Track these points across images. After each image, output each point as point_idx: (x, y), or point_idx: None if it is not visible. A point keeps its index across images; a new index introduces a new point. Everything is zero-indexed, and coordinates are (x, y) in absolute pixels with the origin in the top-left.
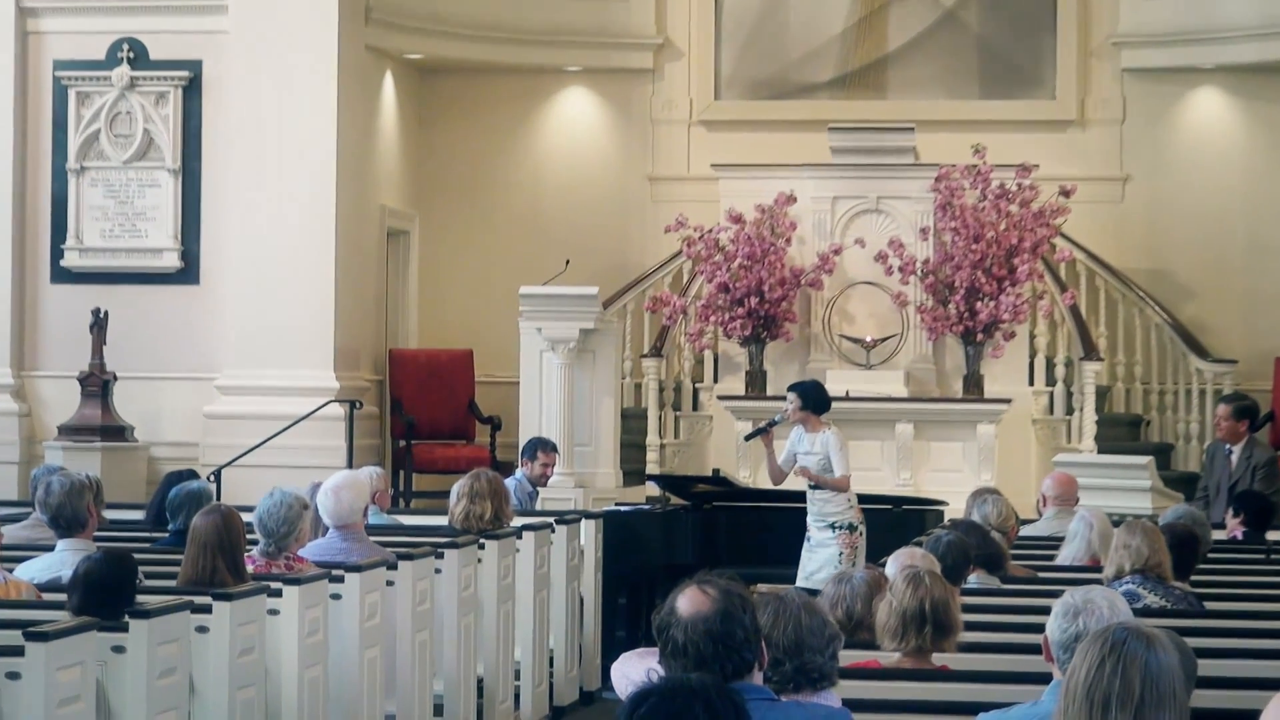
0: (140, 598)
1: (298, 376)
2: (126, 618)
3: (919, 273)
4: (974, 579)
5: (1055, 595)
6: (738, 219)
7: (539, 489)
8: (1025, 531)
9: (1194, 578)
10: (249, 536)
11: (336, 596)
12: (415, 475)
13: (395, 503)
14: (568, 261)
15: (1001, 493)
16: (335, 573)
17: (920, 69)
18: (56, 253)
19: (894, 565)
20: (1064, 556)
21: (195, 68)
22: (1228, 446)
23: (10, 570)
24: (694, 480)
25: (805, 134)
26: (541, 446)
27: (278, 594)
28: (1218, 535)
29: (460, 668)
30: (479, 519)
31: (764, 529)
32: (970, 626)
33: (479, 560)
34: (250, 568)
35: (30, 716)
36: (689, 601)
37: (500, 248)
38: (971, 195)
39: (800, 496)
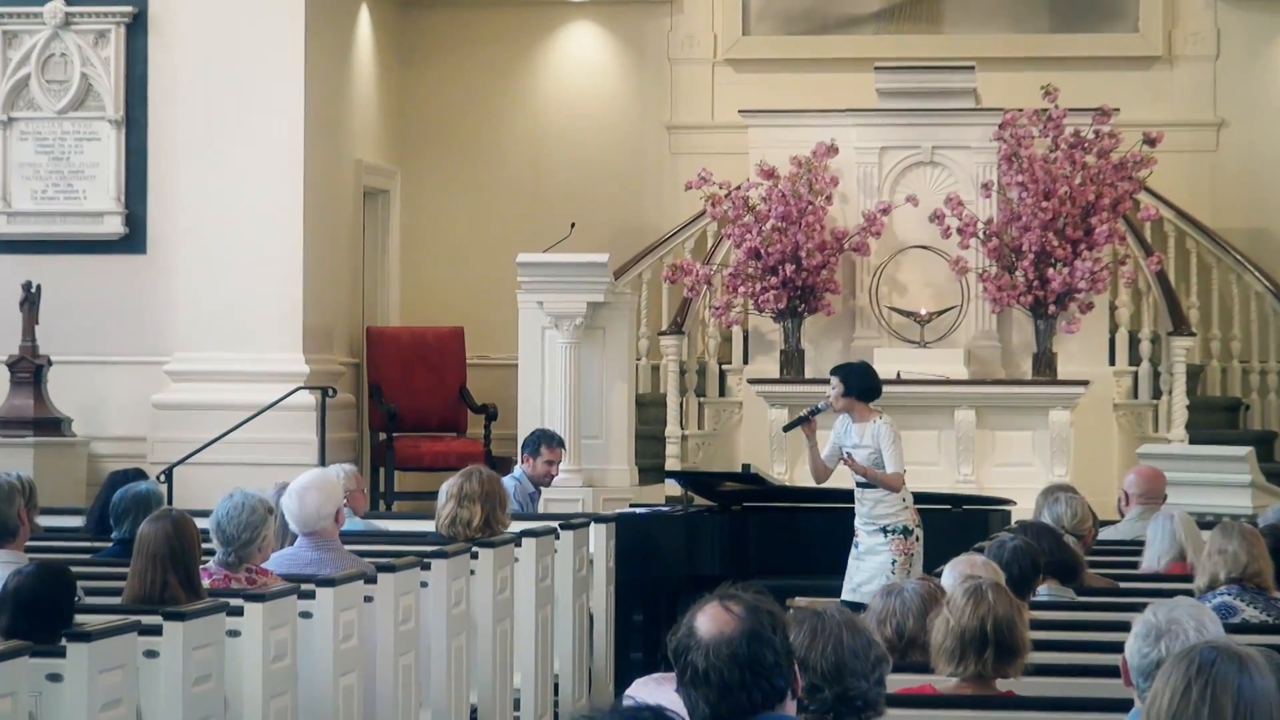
0: (79, 617)
1: (261, 360)
2: (63, 641)
3: (981, 235)
4: (1045, 591)
5: (1138, 609)
6: (770, 174)
7: (541, 489)
8: (1104, 535)
9: None
10: (205, 546)
11: (307, 615)
12: (398, 473)
13: (374, 505)
14: (573, 224)
15: (1077, 490)
16: (305, 587)
17: None
18: None
19: (952, 575)
20: (1145, 564)
21: (140, 3)
22: None
23: None
24: (721, 478)
25: (848, 74)
26: (546, 440)
27: (239, 612)
28: None
29: (450, 696)
30: (466, 525)
31: (803, 534)
32: (1040, 646)
33: (471, 572)
34: (206, 582)
35: None
36: (710, 620)
37: (495, 209)
38: (1041, 144)
39: (845, 496)
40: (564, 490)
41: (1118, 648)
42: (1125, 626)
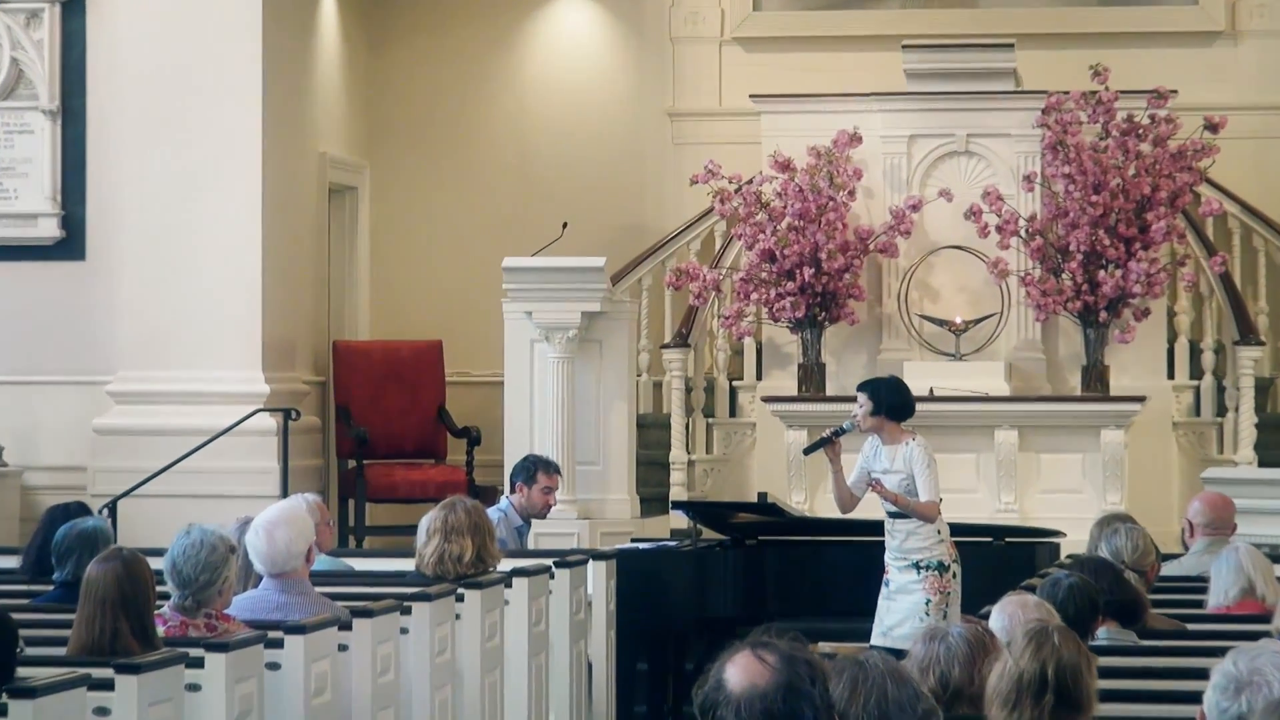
0: (21, 670)
1: (215, 379)
2: (4, 697)
3: (1023, 233)
4: (1104, 634)
5: (1210, 653)
6: (785, 166)
7: (530, 523)
8: (1167, 570)
9: None
10: (159, 589)
11: (274, 666)
12: (369, 505)
13: (343, 540)
14: (565, 224)
15: (1136, 520)
16: (272, 635)
17: None
18: None
19: (1001, 618)
20: (1211, 602)
21: None
22: None
23: None
24: (733, 508)
25: (872, 54)
26: (543, 466)
27: (199, 663)
28: None
29: None
30: (456, 561)
31: (826, 571)
32: (1101, 696)
33: (457, 616)
34: (161, 629)
35: None
36: (742, 671)
37: (477, 207)
38: (1090, 131)
39: (874, 528)
40: (557, 523)
41: (1188, 698)
42: (1195, 673)
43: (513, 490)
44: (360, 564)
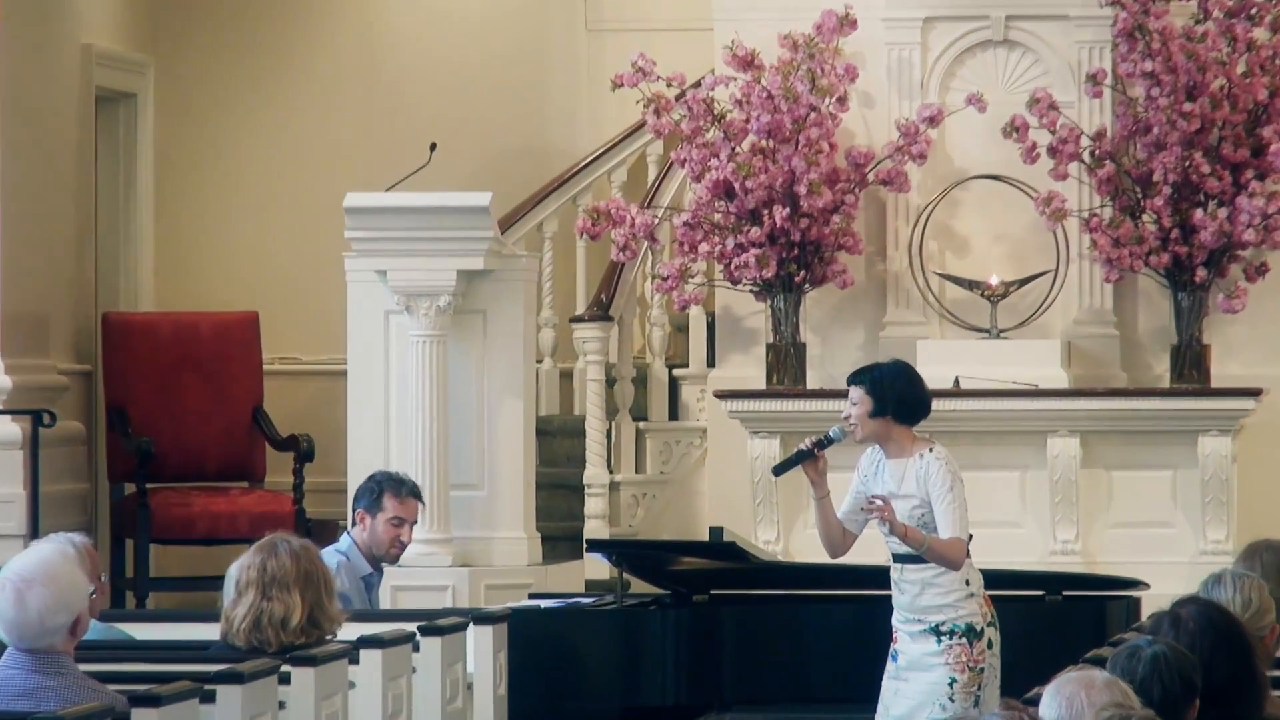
0: None
1: None
2: None
3: (1087, 158)
4: None
5: None
6: (748, 62)
7: (383, 568)
8: None
9: None
10: None
11: None
12: (156, 548)
13: (118, 600)
14: (433, 147)
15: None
16: None
17: None
18: None
19: (1057, 704)
20: None
21: None
22: None
23: None
24: (675, 550)
25: None
26: (391, 487)
27: None
28: None
29: None
30: (280, 627)
31: (807, 639)
32: None
33: (281, 705)
34: None
35: None
36: None
37: (308, 126)
38: (1182, 11)
39: (874, 578)
40: (424, 572)
41: None
42: None
43: (354, 523)
44: (142, 631)
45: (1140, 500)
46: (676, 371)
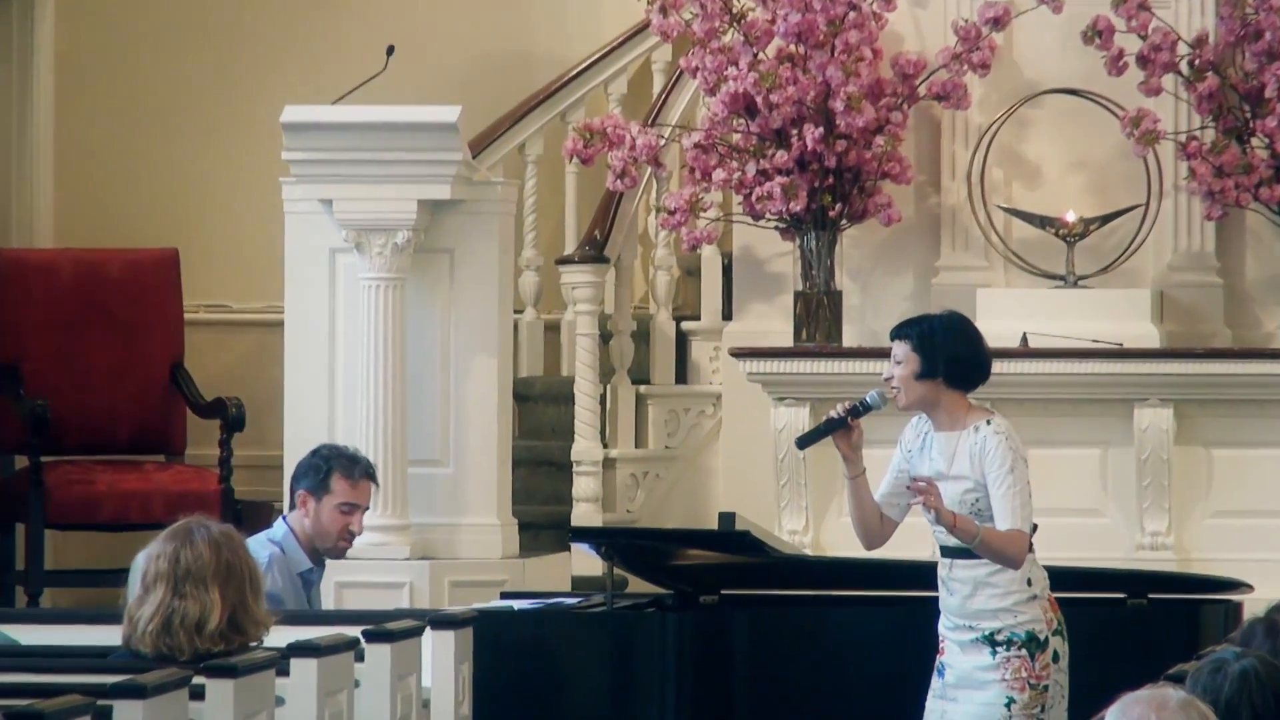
0: None
1: None
2: None
3: (1185, 69)
4: None
5: None
6: None
7: (324, 563)
8: None
9: None
10: None
11: None
12: (52, 534)
13: (7, 597)
14: (390, 50)
15: None
16: None
17: None
18: None
19: None
20: None
21: None
22: None
23: None
24: (681, 542)
25: None
26: (342, 467)
27: None
28: None
29: None
30: (194, 631)
31: (836, 649)
32: None
33: None
34: None
35: None
36: None
37: (239, 26)
38: None
39: (918, 577)
40: (374, 567)
41: None
42: None
43: (293, 506)
44: (31, 634)
45: (1246, 484)
46: (685, 325)
